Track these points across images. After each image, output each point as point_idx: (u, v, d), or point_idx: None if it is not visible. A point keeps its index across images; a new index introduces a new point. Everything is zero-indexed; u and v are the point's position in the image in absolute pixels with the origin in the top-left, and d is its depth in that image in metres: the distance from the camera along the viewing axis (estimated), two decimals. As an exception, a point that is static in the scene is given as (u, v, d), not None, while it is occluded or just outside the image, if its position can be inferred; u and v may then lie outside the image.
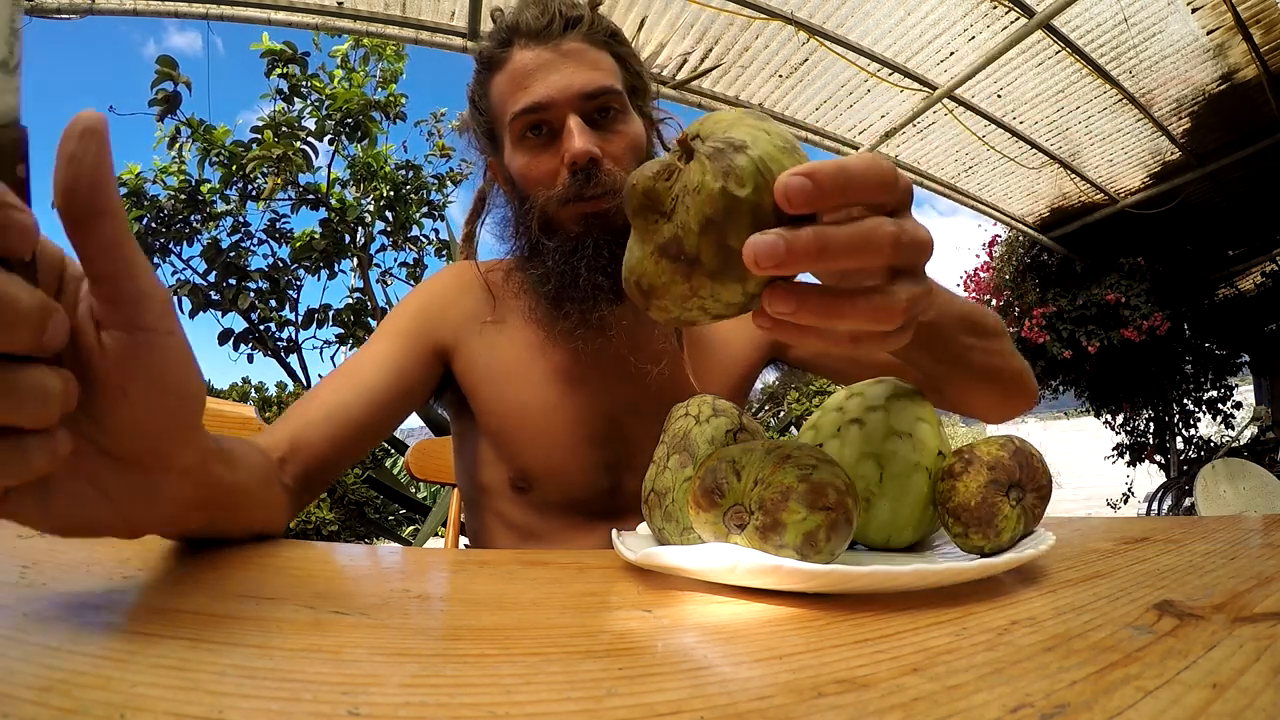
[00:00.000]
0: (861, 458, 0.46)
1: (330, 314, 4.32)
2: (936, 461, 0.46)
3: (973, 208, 4.46)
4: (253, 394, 2.82)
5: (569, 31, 0.70)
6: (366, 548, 0.54)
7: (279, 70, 4.02)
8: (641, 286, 0.33)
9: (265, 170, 3.85)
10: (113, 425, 0.30)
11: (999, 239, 5.42)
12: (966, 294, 5.54)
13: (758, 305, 0.32)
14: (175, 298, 3.88)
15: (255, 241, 4.17)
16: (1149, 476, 5.50)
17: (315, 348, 4.39)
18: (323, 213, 4.25)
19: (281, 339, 4.22)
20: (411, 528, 3.87)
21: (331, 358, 4.74)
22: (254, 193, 4.07)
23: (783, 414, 5.03)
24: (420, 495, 3.66)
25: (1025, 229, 4.72)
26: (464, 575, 0.43)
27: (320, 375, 4.37)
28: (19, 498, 0.28)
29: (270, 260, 4.21)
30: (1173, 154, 4.03)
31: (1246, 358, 5.66)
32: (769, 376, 0.89)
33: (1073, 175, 4.20)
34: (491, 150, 0.77)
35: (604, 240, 0.68)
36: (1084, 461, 9.81)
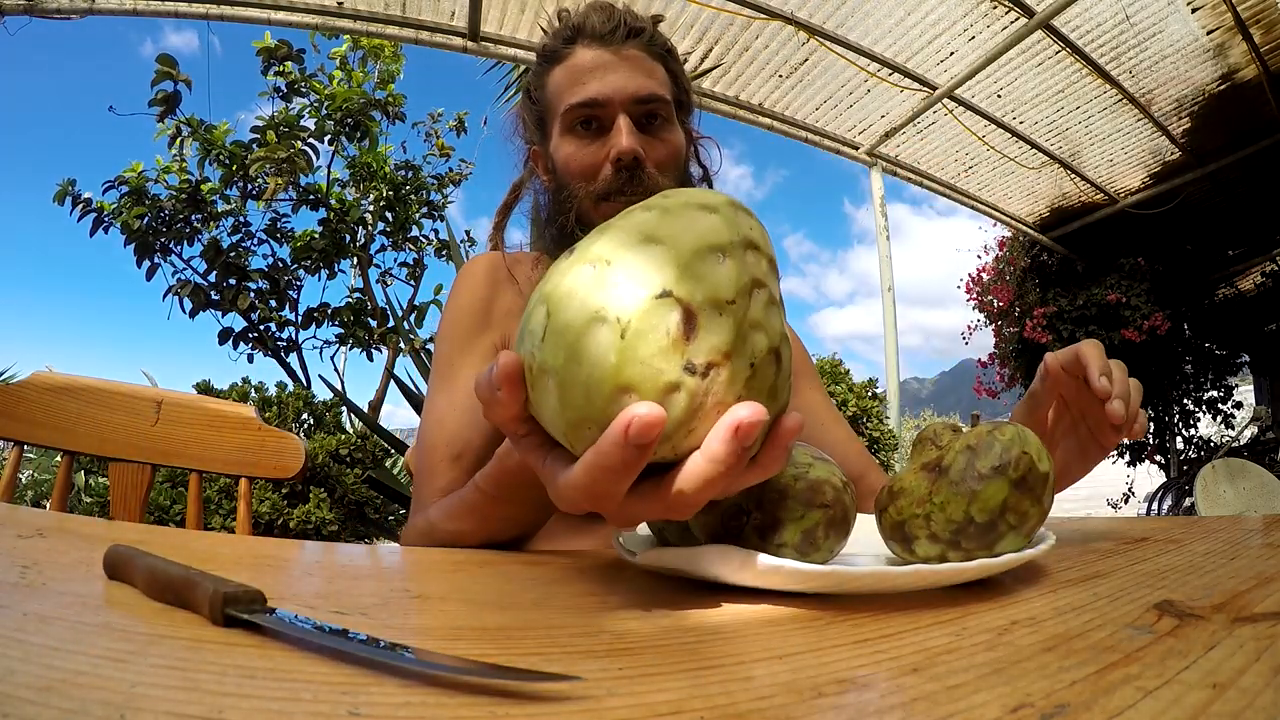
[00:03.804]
0: None
1: (330, 314, 4.31)
2: None
3: (972, 208, 4.46)
4: (252, 394, 2.81)
5: (631, 39, 0.75)
6: (366, 548, 0.54)
7: (275, 69, 4.01)
8: (893, 489, 0.41)
9: (267, 170, 3.84)
10: None
11: (1005, 240, 5.41)
12: (968, 295, 5.53)
13: (967, 534, 0.38)
14: (175, 297, 3.88)
15: (255, 241, 4.15)
16: (1149, 476, 5.50)
17: (315, 348, 4.37)
18: (323, 213, 4.24)
19: (281, 339, 4.21)
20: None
21: (331, 358, 4.72)
22: (255, 192, 4.06)
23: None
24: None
25: (1025, 229, 4.72)
26: (464, 575, 0.43)
27: (320, 376, 4.36)
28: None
29: (270, 260, 4.20)
30: (1173, 154, 4.03)
31: (1246, 358, 5.66)
32: None
33: (1073, 175, 4.20)
34: (539, 139, 0.81)
35: None
36: (1084, 461, 9.78)
